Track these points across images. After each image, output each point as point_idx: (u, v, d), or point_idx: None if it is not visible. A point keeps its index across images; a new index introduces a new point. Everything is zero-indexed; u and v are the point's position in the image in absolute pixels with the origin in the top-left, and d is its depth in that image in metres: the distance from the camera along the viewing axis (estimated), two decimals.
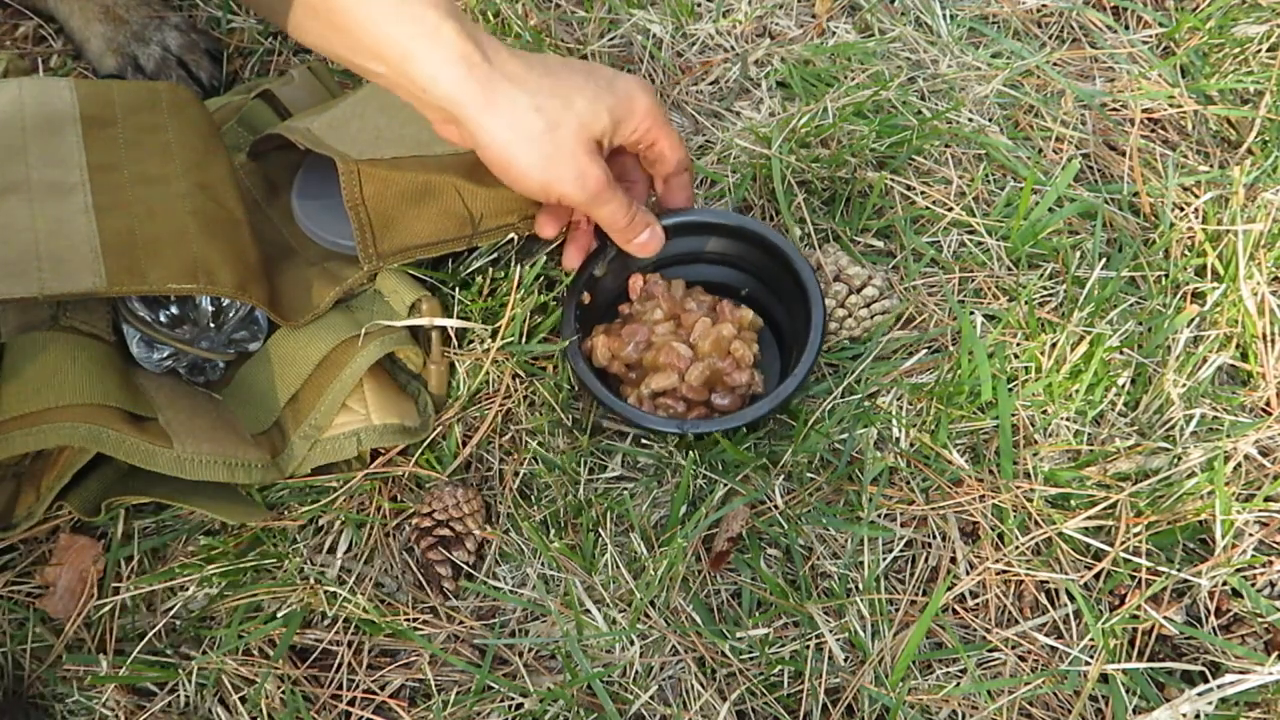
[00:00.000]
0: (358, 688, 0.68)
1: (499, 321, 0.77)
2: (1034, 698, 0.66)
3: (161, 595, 0.71)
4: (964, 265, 0.83)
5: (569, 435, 0.76)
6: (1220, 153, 0.91)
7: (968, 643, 0.69)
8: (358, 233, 0.75)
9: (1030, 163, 0.88)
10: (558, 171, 0.67)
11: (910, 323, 0.81)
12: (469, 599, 0.71)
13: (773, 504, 0.72)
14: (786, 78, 0.93)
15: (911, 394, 0.76)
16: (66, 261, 0.68)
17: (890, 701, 0.66)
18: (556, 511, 0.73)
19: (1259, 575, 0.70)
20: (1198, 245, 0.83)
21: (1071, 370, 0.75)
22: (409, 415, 0.74)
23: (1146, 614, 0.67)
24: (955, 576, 0.70)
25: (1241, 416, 0.76)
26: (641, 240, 0.74)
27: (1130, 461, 0.73)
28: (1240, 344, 0.79)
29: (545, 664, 0.69)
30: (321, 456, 0.72)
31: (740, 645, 0.68)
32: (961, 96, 0.92)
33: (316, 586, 0.70)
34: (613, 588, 0.70)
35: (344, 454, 0.72)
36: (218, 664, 0.67)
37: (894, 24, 0.98)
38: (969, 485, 0.72)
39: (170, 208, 0.73)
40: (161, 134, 0.76)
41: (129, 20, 0.93)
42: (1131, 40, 0.98)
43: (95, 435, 0.65)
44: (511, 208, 0.80)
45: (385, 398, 0.74)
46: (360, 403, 0.73)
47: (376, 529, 0.73)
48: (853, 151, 0.87)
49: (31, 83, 0.77)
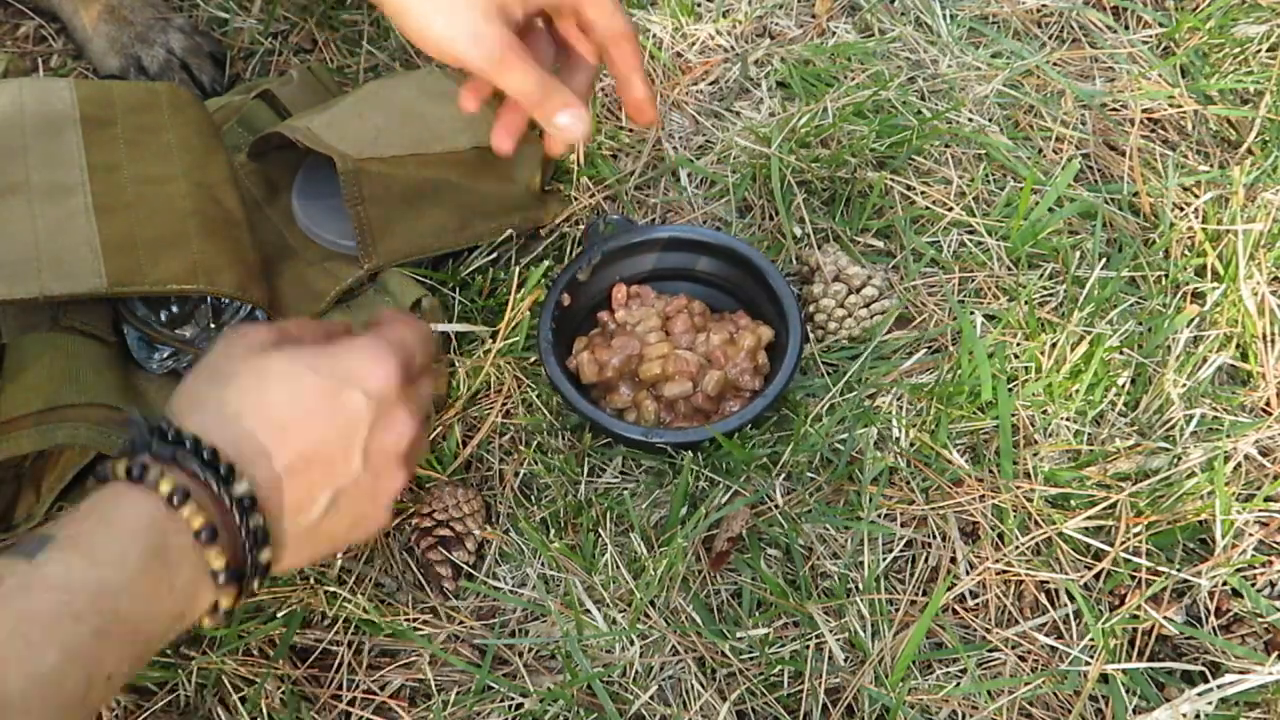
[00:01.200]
0: (358, 688, 0.68)
1: (499, 323, 0.77)
2: (1034, 698, 0.66)
3: None
4: (964, 265, 0.83)
5: (569, 435, 0.76)
6: (1220, 153, 0.91)
7: (968, 643, 0.69)
8: (358, 232, 0.75)
9: (1030, 163, 0.88)
10: (453, 30, 0.63)
11: (910, 323, 0.81)
12: (469, 599, 0.71)
13: (773, 504, 0.72)
14: (786, 78, 0.93)
15: (911, 394, 0.76)
16: (67, 263, 0.68)
17: (890, 701, 0.66)
18: (556, 511, 0.73)
19: (1259, 575, 0.70)
20: (1198, 245, 0.83)
21: (1071, 370, 0.75)
22: None
23: (1146, 614, 0.67)
24: (955, 576, 0.70)
25: (1241, 416, 0.76)
26: (561, 123, 0.67)
27: (1130, 461, 0.73)
28: (1240, 344, 0.79)
29: (545, 664, 0.69)
30: None
31: (740, 645, 0.68)
32: (961, 96, 0.92)
33: (316, 586, 0.70)
34: (613, 588, 0.70)
35: None
36: (218, 664, 0.67)
37: (894, 24, 0.98)
38: (969, 485, 0.72)
39: (170, 208, 0.73)
40: (162, 134, 0.76)
41: (134, 21, 0.93)
42: (1131, 40, 0.98)
43: (97, 436, 0.65)
44: (511, 206, 0.80)
45: None
46: None
47: None
48: (853, 151, 0.87)
49: (32, 83, 0.77)
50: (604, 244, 0.79)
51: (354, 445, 0.56)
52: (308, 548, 0.57)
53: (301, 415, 0.55)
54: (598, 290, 0.80)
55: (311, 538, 0.56)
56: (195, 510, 0.50)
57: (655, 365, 0.73)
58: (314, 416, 0.55)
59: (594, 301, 0.80)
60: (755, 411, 0.72)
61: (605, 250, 0.79)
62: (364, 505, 0.58)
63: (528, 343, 0.78)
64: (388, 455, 0.57)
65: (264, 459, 0.53)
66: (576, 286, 0.78)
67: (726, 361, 0.74)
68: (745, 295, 0.80)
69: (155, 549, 0.49)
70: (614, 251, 0.79)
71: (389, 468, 0.58)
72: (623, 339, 0.75)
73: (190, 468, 0.51)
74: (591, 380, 0.75)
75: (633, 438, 0.72)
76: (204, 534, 0.50)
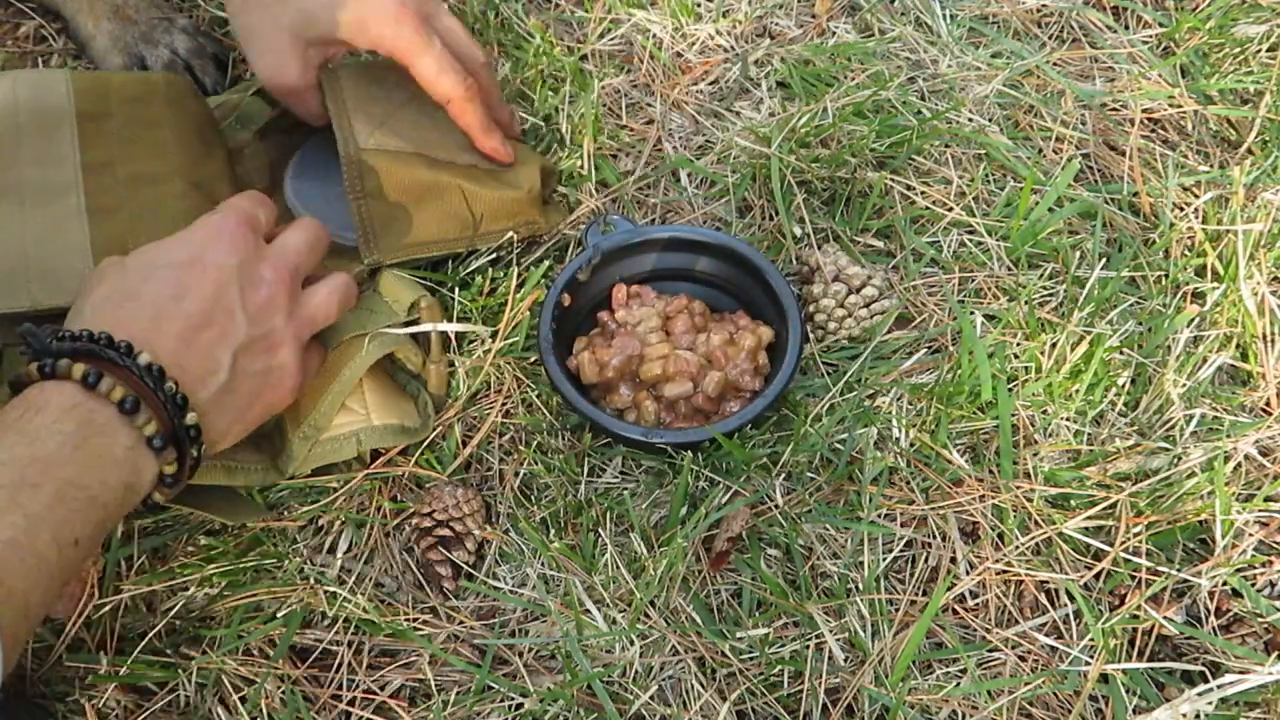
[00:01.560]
0: (358, 688, 0.68)
1: (499, 323, 0.77)
2: (1034, 698, 0.66)
3: (162, 595, 0.71)
4: (964, 265, 0.83)
5: (569, 435, 0.76)
6: (1220, 153, 0.91)
7: (968, 643, 0.69)
8: (359, 225, 0.75)
9: (1030, 163, 0.88)
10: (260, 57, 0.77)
11: (910, 323, 0.81)
12: (469, 599, 0.71)
13: (773, 504, 0.72)
14: (786, 78, 0.93)
15: (911, 394, 0.76)
16: (56, 273, 0.68)
17: (890, 701, 0.66)
18: (556, 511, 0.73)
19: (1259, 575, 0.70)
20: (1198, 245, 0.83)
21: (1071, 370, 0.75)
22: (409, 415, 0.74)
23: (1146, 614, 0.67)
24: (955, 576, 0.70)
25: (1241, 416, 0.76)
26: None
27: (1130, 461, 0.73)
28: (1240, 344, 0.79)
29: (545, 664, 0.69)
30: (321, 457, 0.72)
31: (740, 645, 0.68)
32: (961, 96, 0.92)
33: (316, 586, 0.70)
34: (613, 588, 0.70)
35: (344, 455, 0.72)
36: (218, 664, 0.67)
37: (894, 24, 0.98)
38: (969, 485, 0.72)
39: (164, 209, 0.73)
40: (157, 130, 0.76)
41: (138, 21, 0.93)
42: (1131, 40, 0.98)
43: None
44: (513, 211, 0.80)
45: (385, 398, 0.74)
46: (360, 403, 0.73)
47: (376, 529, 0.73)
48: (853, 151, 0.87)
49: (27, 75, 0.76)
50: (604, 244, 0.79)
51: (232, 305, 0.62)
52: (231, 413, 0.63)
53: (170, 295, 0.61)
54: (598, 290, 0.80)
55: (231, 401, 0.62)
56: (112, 385, 0.56)
57: (656, 366, 0.73)
58: (184, 292, 0.61)
59: (594, 301, 0.80)
60: (755, 412, 0.72)
61: (605, 250, 0.79)
62: (267, 359, 0.64)
63: (528, 343, 0.78)
64: (268, 308, 0.64)
65: (155, 336, 0.59)
66: (576, 286, 0.78)
67: (727, 362, 0.74)
68: (745, 295, 0.80)
69: (84, 422, 0.55)
70: (614, 251, 0.79)
71: (274, 320, 0.64)
72: (623, 339, 0.75)
73: (95, 352, 0.56)
74: (592, 381, 0.75)
75: (633, 438, 0.72)
76: (127, 403, 0.56)
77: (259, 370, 0.64)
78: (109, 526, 0.56)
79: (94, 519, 0.54)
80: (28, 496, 0.51)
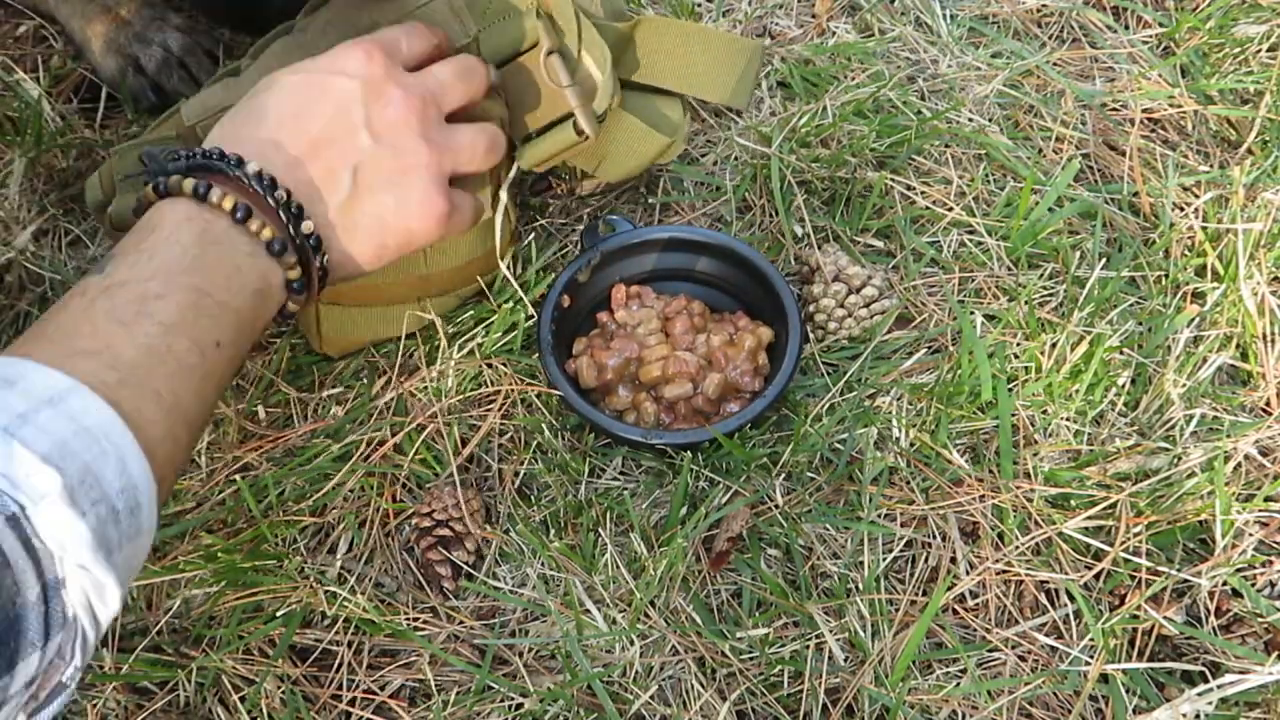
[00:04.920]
0: (358, 688, 0.68)
1: (496, 316, 0.77)
2: (1034, 698, 0.66)
3: (162, 594, 0.71)
4: (964, 265, 0.83)
5: (569, 435, 0.76)
6: (1220, 153, 0.91)
7: (968, 643, 0.69)
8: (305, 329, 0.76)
9: (1030, 163, 0.88)
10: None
11: (910, 323, 0.81)
12: (469, 599, 0.71)
13: (773, 504, 0.72)
14: (786, 78, 0.93)
15: (911, 394, 0.76)
16: None
17: (890, 701, 0.66)
18: (556, 511, 0.73)
19: (1259, 575, 0.70)
20: (1198, 245, 0.83)
21: (1071, 370, 0.75)
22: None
23: (1146, 614, 0.67)
24: (955, 576, 0.70)
25: (1241, 416, 0.76)
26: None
27: (1130, 461, 0.73)
28: (1240, 344, 0.79)
29: (545, 664, 0.69)
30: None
31: (740, 645, 0.68)
32: (961, 96, 0.92)
33: (316, 586, 0.70)
34: (613, 588, 0.70)
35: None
36: (218, 664, 0.67)
37: (894, 24, 0.98)
38: (969, 485, 0.72)
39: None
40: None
41: (131, 21, 0.92)
42: (1131, 40, 0.98)
43: None
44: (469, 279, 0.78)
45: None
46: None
47: (376, 529, 0.73)
48: (853, 151, 0.87)
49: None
50: (604, 244, 0.79)
51: (355, 123, 0.61)
52: (361, 233, 0.62)
53: (293, 111, 0.61)
54: (598, 291, 0.80)
55: (357, 220, 0.62)
56: (222, 194, 0.57)
57: (655, 367, 0.73)
58: (307, 107, 0.61)
59: (594, 302, 0.80)
60: (755, 412, 0.72)
61: (605, 250, 0.79)
62: (397, 180, 0.62)
63: (528, 343, 0.78)
64: (397, 129, 0.62)
65: (271, 151, 0.59)
66: (576, 287, 0.78)
67: (726, 363, 0.74)
68: (745, 295, 0.80)
69: (201, 233, 0.56)
70: (614, 252, 0.79)
71: (404, 142, 0.62)
72: (622, 340, 0.75)
73: (206, 166, 0.58)
74: (591, 385, 0.75)
75: (632, 439, 0.72)
76: (239, 211, 0.56)
77: (386, 191, 0.62)
78: (252, 333, 0.57)
79: (230, 323, 0.55)
80: (156, 306, 0.52)
